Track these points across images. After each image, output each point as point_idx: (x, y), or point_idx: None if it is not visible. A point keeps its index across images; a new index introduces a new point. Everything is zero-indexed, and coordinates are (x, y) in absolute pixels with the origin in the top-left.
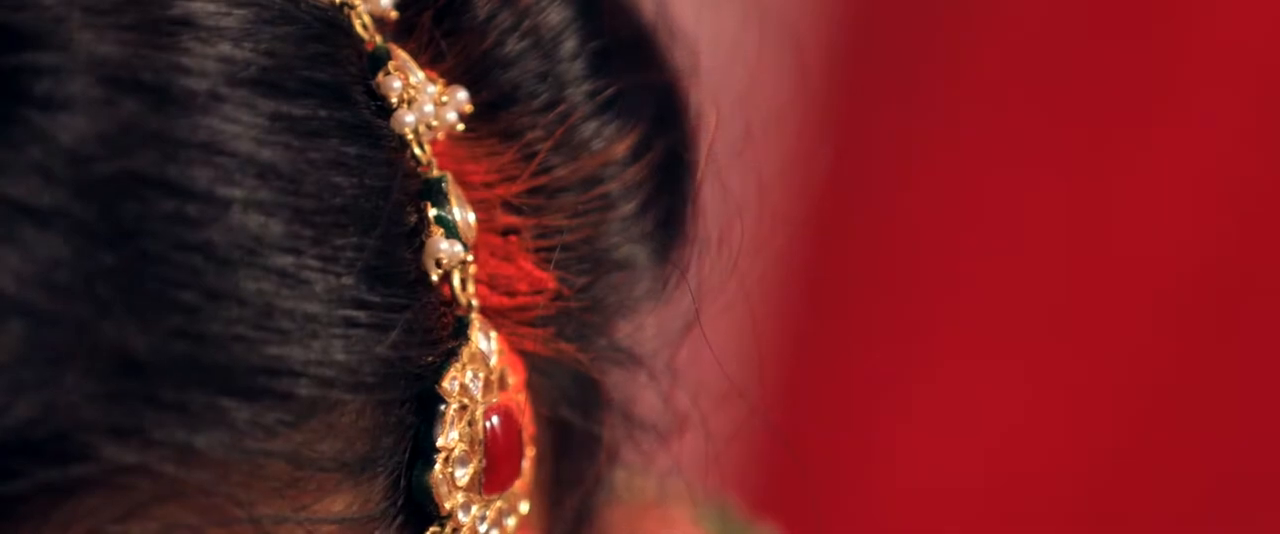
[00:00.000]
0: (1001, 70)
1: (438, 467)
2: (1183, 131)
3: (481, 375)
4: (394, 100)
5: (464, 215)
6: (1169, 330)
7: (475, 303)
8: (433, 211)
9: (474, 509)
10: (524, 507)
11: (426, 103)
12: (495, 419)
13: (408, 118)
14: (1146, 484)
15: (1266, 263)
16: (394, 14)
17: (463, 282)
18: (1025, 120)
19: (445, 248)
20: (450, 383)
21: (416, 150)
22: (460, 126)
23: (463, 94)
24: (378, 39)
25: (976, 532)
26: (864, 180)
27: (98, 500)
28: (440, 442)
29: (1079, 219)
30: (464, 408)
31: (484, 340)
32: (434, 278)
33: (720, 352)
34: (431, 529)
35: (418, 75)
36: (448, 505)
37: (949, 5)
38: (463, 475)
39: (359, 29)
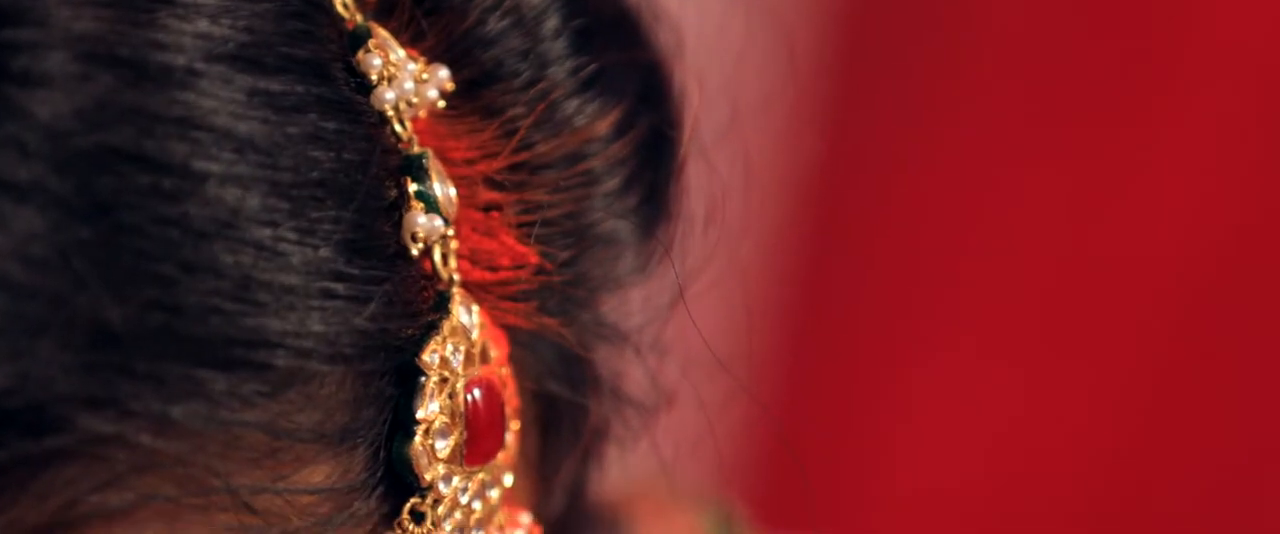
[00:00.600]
0: (1000, 59)
1: (418, 438)
2: (1183, 130)
3: (462, 349)
4: (374, 77)
5: (445, 190)
6: (1169, 330)
7: (457, 277)
8: (413, 187)
9: (455, 481)
10: (508, 479)
11: (407, 80)
12: (477, 392)
13: (388, 95)
14: (1147, 483)
15: (1267, 262)
16: None
17: (444, 256)
18: (1025, 112)
19: (423, 222)
20: (430, 355)
21: (397, 127)
22: (441, 104)
23: (444, 72)
24: (358, 17)
25: (977, 532)
26: (861, 176)
27: (75, 471)
28: (420, 414)
29: (1080, 216)
30: (444, 380)
31: (465, 314)
32: (414, 252)
33: (708, 328)
34: (412, 500)
35: (398, 53)
36: (428, 477)
37: None
38: (443, 447)
39: (339, 7)
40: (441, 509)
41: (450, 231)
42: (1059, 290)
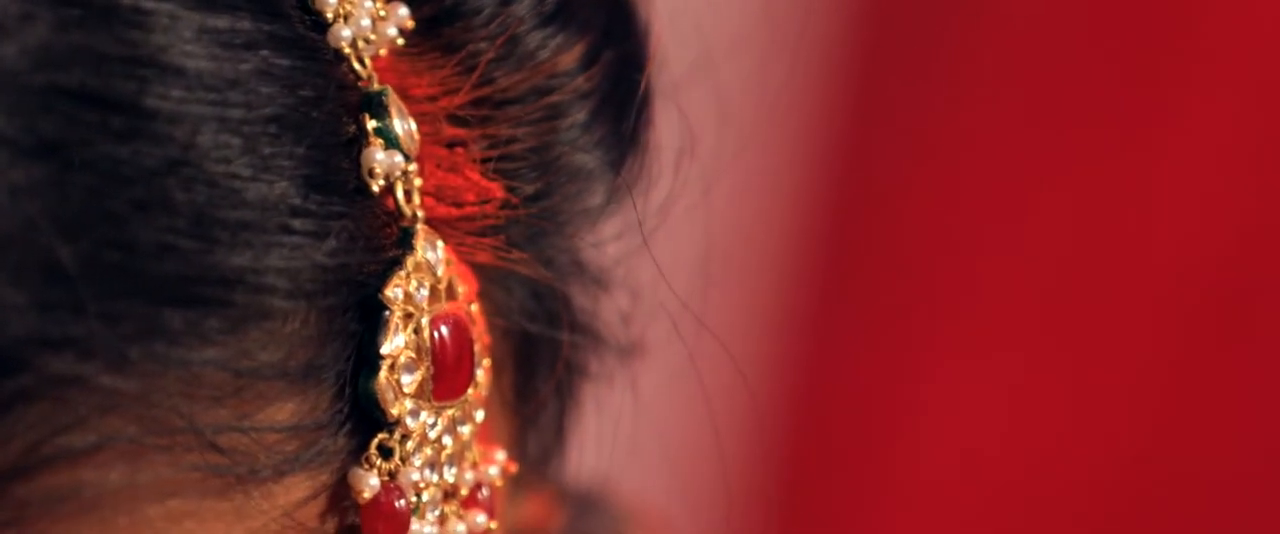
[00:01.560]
0: (1009, 50)
1: (383, 373)
2: (1199, 132)
3: (427, 284)
4: (329, 15)
5: (405, 126)
6: (1185, 330)
7: (421, 214)
8: (371, 123)
9: (423, 416)
10: (479, 415)
11: (363, 17)
12: (444, 328)
13: (344, 32)
14: (1165, 482)
15: None
16: None
17: (407, 193)
18: (1035, 107)
19: (382, 158)
20: (393, 291)
21: (355, 65)
22: (401, 41)
23: (403, 10)
24: None
25: (989, 529)
26: (873, 176)
27: (36, 415)
28: (385, 349)
29: (1095, 213)
30: (409, 316)
31: (430, 250)
32: (375, 188)
33: (677, 272)
34: (380, 436)
35: None
36: (394, 411)
37: None
38: (409, 382)
39: None
40: (410, 445)
41: (412, 167)
42: (1074, 288)
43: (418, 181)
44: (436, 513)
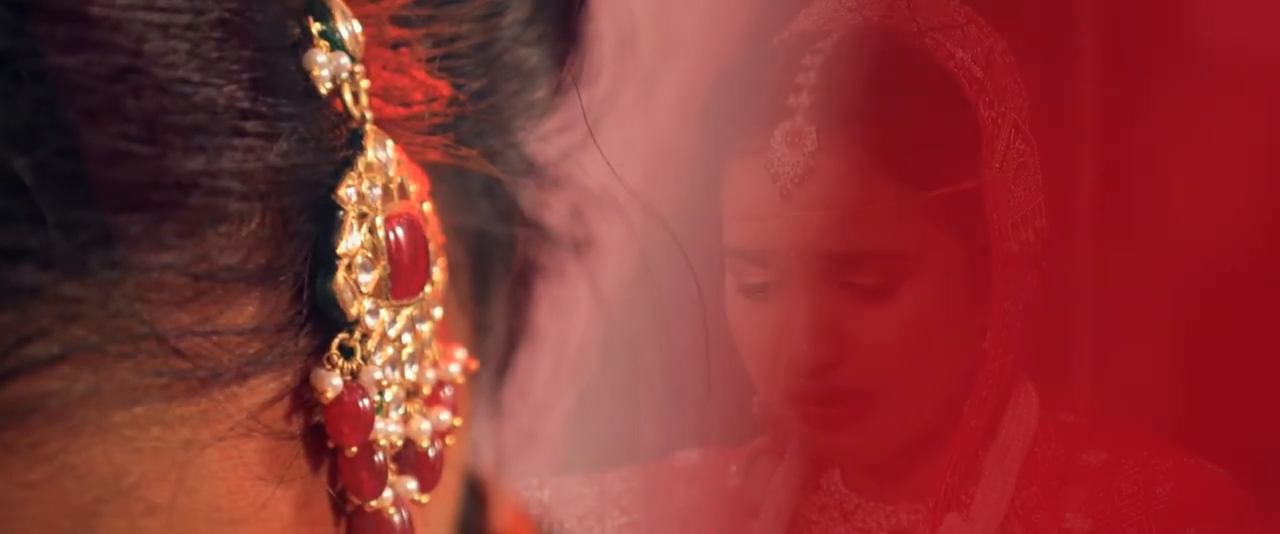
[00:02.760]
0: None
1: (340, 273)
2: (1203, 132)
3: (379, 184)
4: None
5: (349, 29)
6: (1191, 330)
7: (369, 115)
8: (316, 27)
9: (383, 314)
10: (437, 312)
11: None
12: (399, 228)
13: None
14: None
15: None
16: None
17: (354, 95)
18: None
19: (326, 60)
20: (346, 191)
21: None
22: None
23: None
24: None
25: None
26: None
27: None
28: (341, 248)
29: (1106, 209)
30: (363, 216)
31: (380, 150)
32: (323, 91)
33: (621, 159)
34: (340, 336)
35: None
36: (353, 311)
37: None
38: (367, 281)
39: None
40: (371, 344)
41: (358, 69)
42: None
43: (365, 83)
44: (400, 412)
